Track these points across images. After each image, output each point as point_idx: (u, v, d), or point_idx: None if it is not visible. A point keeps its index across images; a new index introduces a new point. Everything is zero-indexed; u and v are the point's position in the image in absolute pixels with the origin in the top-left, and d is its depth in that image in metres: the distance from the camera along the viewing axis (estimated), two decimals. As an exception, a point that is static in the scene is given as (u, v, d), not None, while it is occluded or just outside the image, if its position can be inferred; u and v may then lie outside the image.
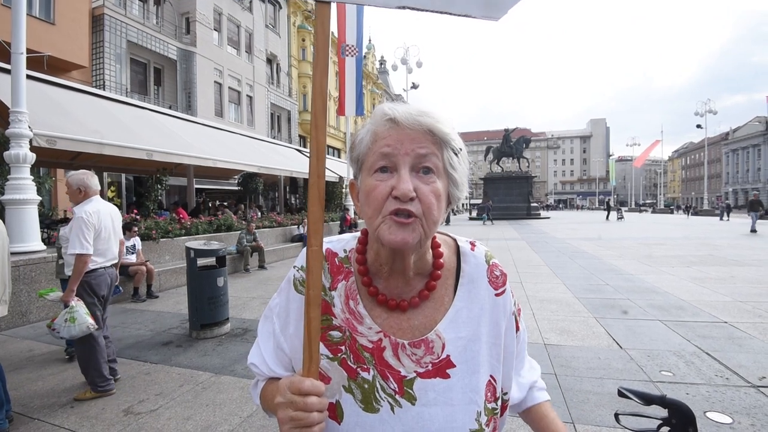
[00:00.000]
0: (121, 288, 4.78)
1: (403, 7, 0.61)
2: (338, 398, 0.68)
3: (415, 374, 0.68)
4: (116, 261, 3.57)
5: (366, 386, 0.68)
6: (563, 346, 4.07)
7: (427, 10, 0.61)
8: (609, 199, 39.53)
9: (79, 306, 3.09)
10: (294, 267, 0.79)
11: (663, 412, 0.92)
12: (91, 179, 3.36)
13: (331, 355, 0.70)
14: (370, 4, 0.64)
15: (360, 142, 0.69)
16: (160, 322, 5.32)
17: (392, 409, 0.67)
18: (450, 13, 0.61)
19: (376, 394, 0.68)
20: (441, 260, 0.74)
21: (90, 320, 3.08)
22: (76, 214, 3.18)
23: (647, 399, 0.94)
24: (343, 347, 0.70)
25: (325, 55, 0.61)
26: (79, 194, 3.30)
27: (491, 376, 0.72)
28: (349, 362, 0.70)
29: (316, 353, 0.62)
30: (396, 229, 0.62)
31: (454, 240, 0.81)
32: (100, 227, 3.29)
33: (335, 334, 0.71)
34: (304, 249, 0.79)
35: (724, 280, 7.10)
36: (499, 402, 0.73)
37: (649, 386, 3.14)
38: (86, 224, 3.14)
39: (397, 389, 0.68)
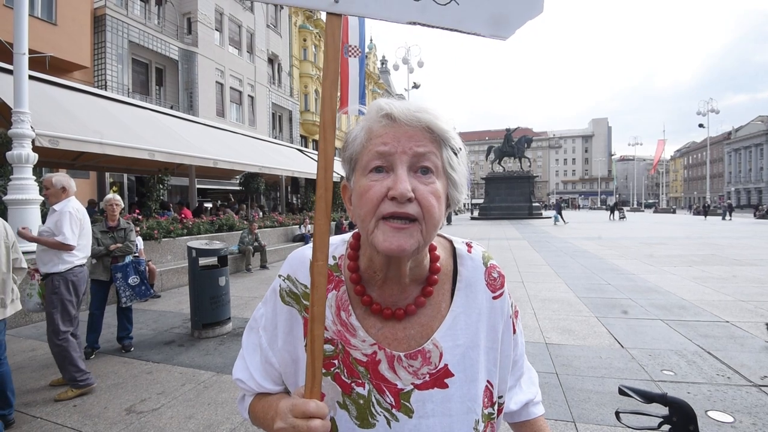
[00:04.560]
0: (152, 290, 4.78)
1: (414, 23, 0.62)
2: (332, 415, 0.65)
3: (412, 386, 0.65)
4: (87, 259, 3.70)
5: (361, 402, 0.65)
6: (565, 346, 4.07)
7: (437, 27, 0.62)
8: (615, 200, 39.28)
9: (38, 285, 3.35)
10: (279, 276, 0.74)
11: (664, 410, 0.92)
12: (71, 180, 3.54)
13: (323, 370, 0.66)
14: (381, 19, 0.63)
15: (353, 140, 0.65)
16: (162, 322, 5.33)
17: (389, 423, 0.64)
18: (459, 31, 0.63)
19: (372, 409, 0.65)
20: (438, 264, 0.71)
21: (39, 299, 3.34)
22: (62, 209, 3.32)
23: (648, 397, 0.94)
24: (335, 361, 0.67)
25: (335, 66, 0.60)
26: (63, 193, 3.43)
27: (488, 381, 0.70)
28: (342, 377, 0.66)
29: (319, 372, 0.59)
30: (391, 235, 0.58)
31: (450, 242, 0.77)
32: (83, 224, 3.46)
33: (327, 347, 0.67)
34: (289, 256, 0.76)
35: (725, 280, 7.08)
36: (496, 407, 0.72)
37: (651, 385, 3.13)
38: (74, 219, 3.33)
39: (393, 403, 0.65)
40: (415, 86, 27.42)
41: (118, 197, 4.43)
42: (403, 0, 0.62)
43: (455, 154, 0.64)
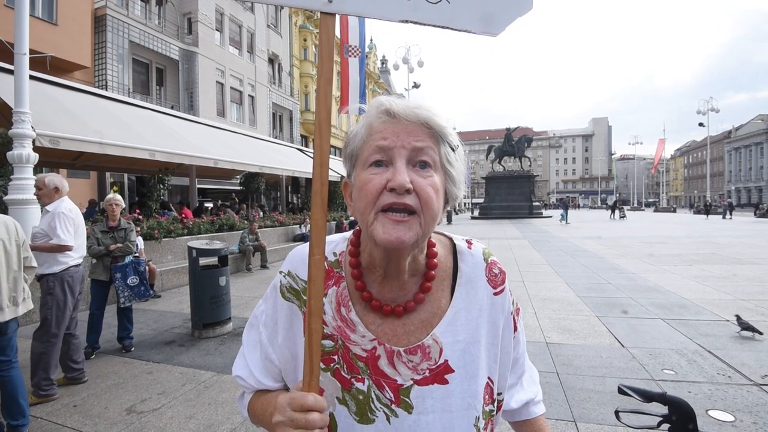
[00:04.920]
0: (152, 291, 4.75)
1: (406, 21, 0.64)
2: (332, 410, 0.66)
3: (411, 382, 0.65)
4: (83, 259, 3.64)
5: (361, 397, 0.65)
6: (565, 345, 4.07)
7: (428, 25, 0.64)
8: (615, 200, 39.25)
9: None
10: (280, 272, 0.75)
11: (663, 409, 0.93)
12: (63, 180, 3.53)
13: (323, 366, 0.66)
14: (374, 17, 0.65)
15: (354, 136, 0.66)
16: (163, 322, 5.34)
17: (388, 419, 0.64)
18: (451, 28, 0.65)
19: (372, 405, 0.65)
20: (435, 260, 0.71)
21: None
22: (55, 210, 3.31)
23: (647, 396, 0.94)
24: (335, 357, 0.67)
25: (330, 65, 0.62)
26: (56, 193, 3.42)
27: (489, 378, 0.70)
28: (342, 372, 0.67)
29: (317, 366, 0.60)
30: (391, 227, 0.59)
31: (450, 239, 0.78)
32: (77, 223, 3.44)
33: (327, 343, 0.68)
34: (290, 253, 0.77)
35: (726, 279, 7.08)
36: (495, 404, 0.72)
37: (651, 385, 3.13)
38: (69, 219, 3.34)
39: (393, 399, 0.65)
40: (416, 86, 27.38)
41: (118, 197, 4.42)
42: None
43: (453, 150, 0.65)
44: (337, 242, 0.76)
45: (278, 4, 0.67)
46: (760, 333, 4.13)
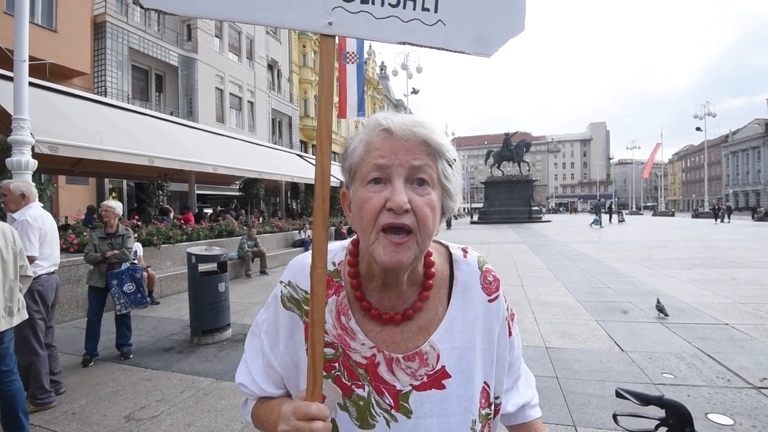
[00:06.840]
0: (150, 298, 4.69)
1: (404, 43, 0.67)
2: (333, 416, 0.67)
3: (410, 387, 0.67)
4: (57, 267, 3.53)
5: (361, 403, 0.67)
6: (565, 349, 4.07)
7: (425, 46, 0.67)
8: (610, 204, 39.28)
9: None
10: (281, 282, 0.77)
11: (661, 413, 0.93)
12: (32, 186, 3.46)
13: (324, 373, 0.68)
14: (373, 40, 0.68)
15: (353, 151, 0.67)
16: (162, 328, 5.32)
17: (388, 424, 0.66)
18: (446, 49, 0.67)
19: (372, 410, 0.67)
20: (433, 269, 0.73)
21: None
22: (20, 218, 3.20)
23: (645, 399, 0.95)
24: (336, 364, 0.69)
25: (330, 84, 0.64)
26: (23, 200, 3.33)
27: (485, 382, 0.72)
28: (343, 379, 0.69)
29: (320, 376, 0.61)
30: (391, 249, 0.61)
31: (446, 247, 0.80)
32: (45, 231, 3.34)
33: (328, 350, 0.69)
34: (290, 263, 0.79)
35: (725, 282, 7.09)
36: (492, 407, 0.74)
37: (651, 388, 3.13)
38: (32, 227, 3.22)
39: (392, 404, 0.67)
40: (414, 92, 27.51)
41: (111, 203, 4.35)
42: (393, 22, 0.66)
43: (450, 165, 0.66)
44: (336, 251, 0.77)
45: (279, 26, 0.68)
46: (666, 315, 4.96)
